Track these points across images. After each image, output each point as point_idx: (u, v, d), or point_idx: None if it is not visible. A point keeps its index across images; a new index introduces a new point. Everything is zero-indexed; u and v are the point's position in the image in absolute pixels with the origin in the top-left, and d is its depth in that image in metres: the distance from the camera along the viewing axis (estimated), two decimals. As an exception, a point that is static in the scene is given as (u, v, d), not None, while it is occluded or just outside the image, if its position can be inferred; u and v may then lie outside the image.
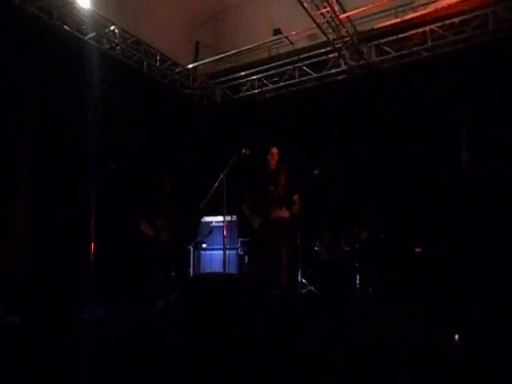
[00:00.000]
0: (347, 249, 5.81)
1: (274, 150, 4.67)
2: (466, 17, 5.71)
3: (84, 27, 5.68)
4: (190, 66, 7.16)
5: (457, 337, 2.82)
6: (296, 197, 4.59)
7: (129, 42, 6.22)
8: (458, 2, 5.59)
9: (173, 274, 4.79)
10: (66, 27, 5.53)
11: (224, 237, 3.94)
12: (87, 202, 3.33)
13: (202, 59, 7.26)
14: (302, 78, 7.08)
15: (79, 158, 4.55)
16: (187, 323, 3.27)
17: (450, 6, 5.67)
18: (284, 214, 4.43)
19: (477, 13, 5.64)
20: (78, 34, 5.64)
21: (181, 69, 7.09)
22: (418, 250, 5.38)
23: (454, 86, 5.63)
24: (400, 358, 2.87)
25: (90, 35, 5.73)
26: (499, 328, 3.14)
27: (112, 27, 5.95)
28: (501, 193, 4.49)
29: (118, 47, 6.19)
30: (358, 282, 5.49)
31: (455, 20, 5.78)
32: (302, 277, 5.90)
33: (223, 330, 2.98)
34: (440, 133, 5.58)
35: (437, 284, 4.84)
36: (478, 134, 3.16)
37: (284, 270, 4.30)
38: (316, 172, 4.43)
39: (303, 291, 5.78)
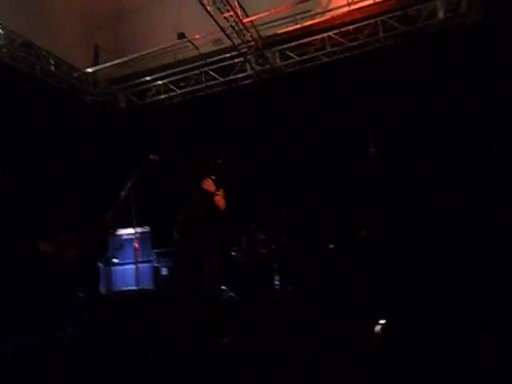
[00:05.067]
0: (264, 251, 5.85)
1: None
2: (359, 25, 6.11)
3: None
4: (89, 70, 6.72)
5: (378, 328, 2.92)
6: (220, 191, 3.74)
7: (16, 44, 5.65)
8: (351, 11, 5.95)
9: (80, 295, 4.37)
10: None
11: (136, 250, 3.68)
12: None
13: (103, 64, 6.85)
14: (209, 83, 7.03)
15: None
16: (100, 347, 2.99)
17: (344, 15, 6.02)
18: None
19: (368, 21, 6.06)
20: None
21: (79, 73, 6.61)
22: (331, 246, 5.59)
23: (354, 89, 5.98)
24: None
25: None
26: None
27: (-6, 27, 5.36)
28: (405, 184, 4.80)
29: (5, 49, 5.59)
30: (277, 283, 5.55)
31: (350, 28, 6.16)
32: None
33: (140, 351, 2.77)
34: (346, 132, 5.88)
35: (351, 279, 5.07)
36: (382, 131, 3.37)
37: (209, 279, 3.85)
38: None
39: (224, 297, 5.68)
